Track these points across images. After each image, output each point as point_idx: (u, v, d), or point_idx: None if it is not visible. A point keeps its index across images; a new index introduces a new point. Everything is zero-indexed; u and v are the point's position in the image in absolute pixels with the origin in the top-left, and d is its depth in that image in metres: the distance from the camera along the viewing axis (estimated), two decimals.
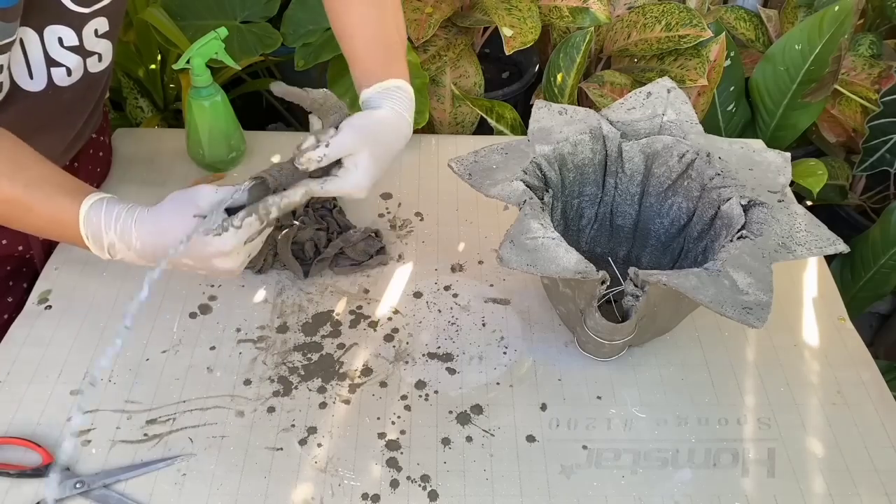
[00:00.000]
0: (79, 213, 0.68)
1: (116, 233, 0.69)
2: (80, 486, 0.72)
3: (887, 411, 0.82)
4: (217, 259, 0.69)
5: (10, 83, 0.79)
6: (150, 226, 0.69)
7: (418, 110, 1.20)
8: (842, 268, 1.53)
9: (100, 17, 0.82)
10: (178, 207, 0.69)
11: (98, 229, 0.69)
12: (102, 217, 0.69)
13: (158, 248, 0.69)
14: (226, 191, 0.69)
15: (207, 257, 0.69)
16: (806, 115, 1.53)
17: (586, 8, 1.38)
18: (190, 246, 0.67)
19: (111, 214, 0.69)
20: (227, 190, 0.69)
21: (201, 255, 0.69)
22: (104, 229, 0.69)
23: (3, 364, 0.83)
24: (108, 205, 0.69)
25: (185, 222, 0.68)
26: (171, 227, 0.68)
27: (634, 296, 0.75)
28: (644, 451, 0.78)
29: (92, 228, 0.69)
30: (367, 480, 0.74)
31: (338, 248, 0.96)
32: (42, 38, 0.78)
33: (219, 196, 0.69)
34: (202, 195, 0.69)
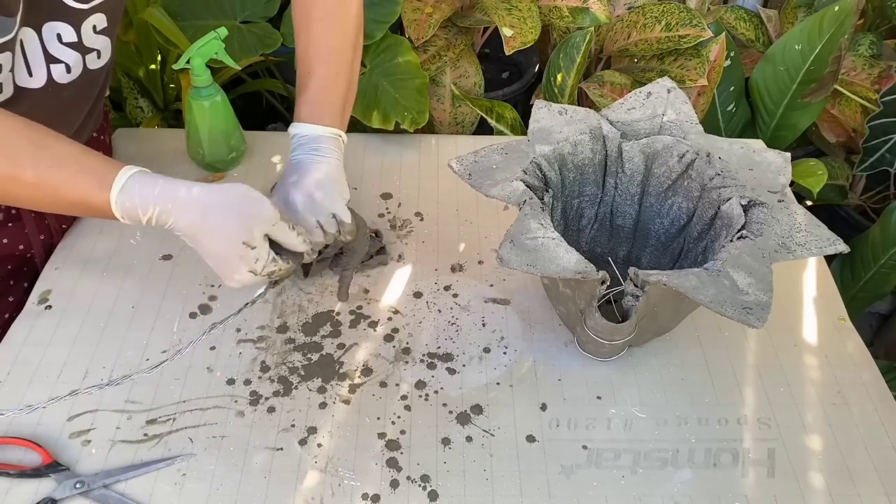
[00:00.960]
0: (109, 199, 0.68)
1: (154, 214, 0.69)
2: (80, 486, 0.72)
3: (887, 411, 0.82)
4: (236, 281, 0.72)
5: (12, 84, 0.79)
6: (193, 220, 0.69)
7: (418, 110, 1.20)
8: (842, 268, 1.53)
9: (98, 14, 0.82)
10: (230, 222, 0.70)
11: (133, 210, 0.69)
12: (137, 201, 0.68)
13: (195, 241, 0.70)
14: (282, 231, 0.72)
15: (231, 275, 0.71)
16: (806, 115, 1.52)
17: (586, 8, 1.38)
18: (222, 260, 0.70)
19: (147, 197, 0.68)
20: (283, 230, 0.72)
21: (228, 272, 0.72)
22: (140, 211, 0.69)
23: (3, 364, 0.83)
24: (140, 185, 0.69)
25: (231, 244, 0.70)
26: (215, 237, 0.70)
27: (634, 296, 0.75)
28: (644, 451, 0.78)
29: (126, 210, 0.69)
30: (367, 480, 0.74)
31: (338, 248, 0.96)
32: (40, 35, 0.78)
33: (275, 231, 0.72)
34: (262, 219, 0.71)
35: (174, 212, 0.68)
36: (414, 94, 1.22)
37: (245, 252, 0.70)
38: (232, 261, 0.70)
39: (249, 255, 0.70)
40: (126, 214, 0.69)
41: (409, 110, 1.20)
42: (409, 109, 1.20)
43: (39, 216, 0.96)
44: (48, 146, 0.69)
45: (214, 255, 0.71)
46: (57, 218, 0.98)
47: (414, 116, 1.19)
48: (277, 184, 0.86)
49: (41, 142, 0.69)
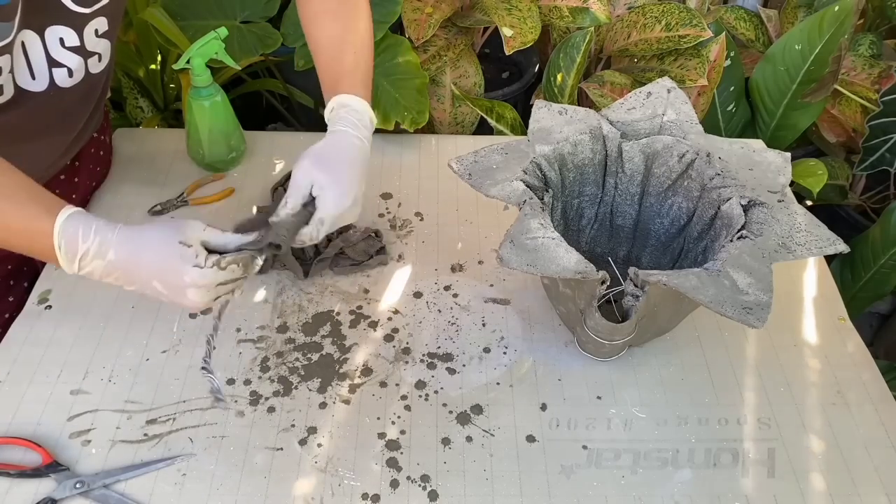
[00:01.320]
0: (54, 222, 0.68)
1: (95, 245, 0.68)
2: (80, 486, 0.72)
3: (887, 411, 0.82)
4: (190, 290, 0.69)
5: (14, 86, 0.79)
6: (132, 241, 0.69)
7: (418, 110, 1.20)
8: (842, 268, 1.53)
9: (100, 17, 0.82)
10: (164, 232, 0.70)
11: (74, 239, 0.68)
12: (80, 228, 0.68)
13: (134, 264, 0.69)
14: (213, 233, 0.72)
15: (181, 286, 0.69)
16: (806, 115, 1.53)
17: (586, 8, 1.38)
18: (166, 270, 0.69)
19: (90, 226, 0.68)
20: (215, 233, 0.72)
21: (176, 282, 0.69)
22: (81, 239, 0.68)
23: (3, 364, 0.83)
24: (85, 217, 0.69)
25: (168, 245, 0.69)
26: (152, 247, 0.69)
27: (634, 296, 0.75)
28: (644, 451, 0.78)
29: (67, 238, 0.68)
30: (367, 480, 0.74)
31: (338, 248, 0.96)
32: (43, 39, 0.78)
33: (205, 235, 0.71)
34: (190, 227, 0.71)
35: (114, 242, 0.69)
36: (414, 94, 1.22)
37: (183, 251, 0.69)
38: (174, 264, 0.69)
39: (188, 252, 0.69)
40: (67, 243, 0.68)
41: (409, 110, 1.20)
42: (409, 109, 1.20)
43: None
44: None
45: (156, 268, 0.69)
46: None
47: (414, 116, 1.19)
48: None
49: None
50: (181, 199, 1.05)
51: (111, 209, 1.03)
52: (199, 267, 0.69)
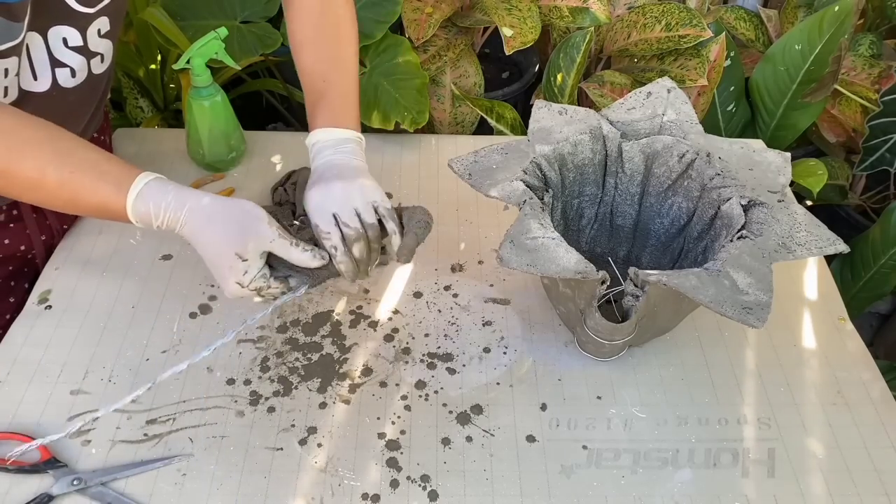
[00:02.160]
0: (125, 204, 0.71)
1: (165, 220, 0.72)
2: (78, 483, 0.72)
3: (887, 411, 0.82)
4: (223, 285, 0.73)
5: (17, 88, 0.79)
6: (197, 225, 0.72)
7: (418, 110, 1.20)
8: (842, 268, 1.53)
9: (103, 17, 0.82)
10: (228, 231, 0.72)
11: (147, 216, 0.72)
12: (151, 205, 0.72)
13: (196, 245, 0.73)
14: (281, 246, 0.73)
15: (224, 277, 0.73)
16: (806, 115, 1.53)
17: (586, 8, 1.38)
18: (215, 266, 0.72)
19: (159, 203, 0.72)
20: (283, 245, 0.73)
21: (217, 279, 0.74)
22: (153, 217, 0.72)
23: (3, 364, 0.83)
24: (157, 190, 0.72)
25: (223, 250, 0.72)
26: (212, 243, 0.72)
27: (634, 296, 0.75)
28: (644, 451, 0.78)
29: (140, 216, 0.72)
30: (367, 480, 0.74)
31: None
32: (46, 39, 0.78)
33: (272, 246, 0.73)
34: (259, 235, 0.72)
35: (182, 219, 0.72)
36: (414, 94, 1.22)
37: (235, 263, 0.71)
38: (222, 270, 0.72)
39: (238, 267, 0.71)
40: (140, 219, 0.72)
41: (409, 110, 1.20)
42: (409, 109, 1.20)
43: (41, 217, 0.96)
44: (70, 152, 0.72)
45: (208, 260, 0.74)
46: (58, 218, 0.98)
47: (414, 116, 1.19)
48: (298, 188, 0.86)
49: (65, 149, 0.72)
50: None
51: None
52: (240, 286, 0.72)
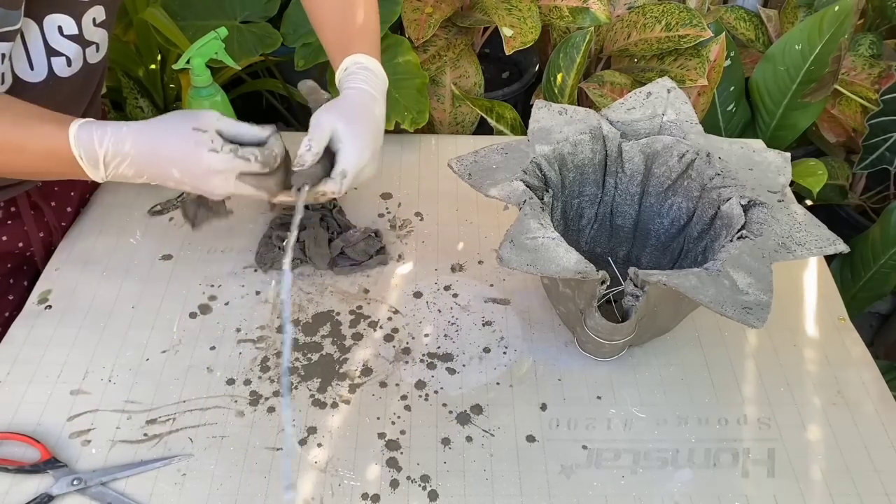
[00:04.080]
0: (68, 134, 0.69)
1: (111, 143, 0.69)
2: (78, 483, 0.72)
3: (887, 411, 0.82)
4: (208, 176, 0.70)
5: (12, 76, 0.79)
6: (146, 133, 0.70)
7: (418, 110, 1.20)
8: (842, 268, 1.53)
9: (98, 6, 0.82)
10: (176, 119, 0.70)
11: (90, 145, 0.69)
12: (94, 132, 0.69)
13: (152, 154, 0.69)
14: (227, 122, 0.71)
15: (201, 173, 0.69)
16: (806, 115, 1.53)
17: (586, 8, 1.38)
18: (184, 158, 0.69)
19: (103, 128, 0.69)
20: (228, 122, 0.71)
21: (195, 169, 0.69)
22: (97, 143, 0.69)
23: (3, 364, 0.83)
24: (97, 124, 0.70)
25: (182, 132, 0.69)
26: (166, 135, 0.69)
27: (634, 296, 0.75)
28: (644, 451, 0.78)
29: (84, 146, 0.69)
30: (367, 480, 0.74)
31: (338, 248, 0.96)
32: (42, 28, 0.78)
33: (219, 123, 0.70)
34: (204, 115, 0.70)
35: (128, 135, 0.69)
36: (414, 94, 1.22)
37: (198, 136, 0.69)
38: (190, 150, 0.69)
39: (203, 138, 0.69)
40: (83, 149, 0.69)
41: (409, 110, 1.20)
42: (409, 109, 1.20)
43: (39, 214, 0.96)
44: (5, 108, 0.71)
45: (174, 156, 0.70)
46: (56, 216, 0.98)
47: (414, 116, 1.19)
48: None
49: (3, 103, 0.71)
50: (181, 200, 1.05)
51: (111, 209, 1.03)
52: (216, 151, 0.69)
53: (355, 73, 0.81)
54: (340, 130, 0.75)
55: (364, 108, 0.79)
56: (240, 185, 0.71)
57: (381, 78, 0.84)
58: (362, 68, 0.82)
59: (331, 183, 0.75)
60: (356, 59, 0.82)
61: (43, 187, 0.96)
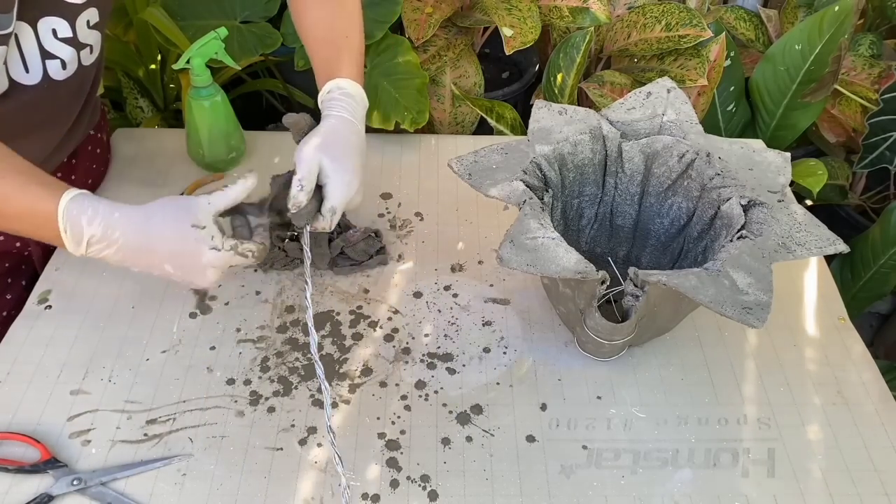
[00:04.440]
0: (58, 204, 0.67)
1: (99, 226, 0.68)
2: (78, 483, 0.72)
3: (887, 411, 0.82)
4: (208, 270, 0.71)
5: (7, 79, 0.79)
6: (139, 225, 0.69)
7: (418, 110, 1.20)
8: (842, 268, 1.53)
9: (92, 8, 0.82)
10: (173, 213, 0.70)
11: (78, 222, 0.67)
12: (86, 209, 0.68)
13: (144, 247, 0.69)
14: (219, 199, 0.72)
15: (197, 268, 0.70)
16: (806, 115, 1.53)
17: (586, 8, 1.38)
18: (181, 254, 0.69)
19: (95, 207, 0.68)
20: (220, 197, 0.72)
21: (192, 265, 0.70)
22: (86, 222, 0.67)
23: (3, 364, 0.83)
24: (89, 198, 0.69)
25: (180, 230, 0.69)
26: (163, 231, 0.69)
27: (634, 296, 0.75)
28: (644, 451, 0.78)
29: (72, 221, 0.67)
30: (367, 480, 0.74)
31: (338, 248, 0.96)
32: (36, 31, 0.78)
33: (213, 207, 0.71)
34: (198, 206, 0.70)
35: (120, 222, 0.68)
36: (414, 94, 1.22)
37: (198, 234, 0.69)
38: (190, 246, 0.69)
39: (203, 235, 0.69)
40: (70, 224, 0.67)
41: (409, 110, 1.20)
42: (409, 109, 1.20)
43: None
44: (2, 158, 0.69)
45: (169, 252, 0.70)
46: None
47: (414, 116, 1.19)
48: None
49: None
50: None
51: None
52: (217, 250, 0.69)
53: (338, 98, 0.82)
54: (326, 166, 0.77)
55: (346, 139, 0.80)
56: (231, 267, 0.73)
57: (363, 104, 0.85)
58: (345, 94, 0.83)
59: (322, 220, 0.78)
60: (339, 83, 0.83)
61: None
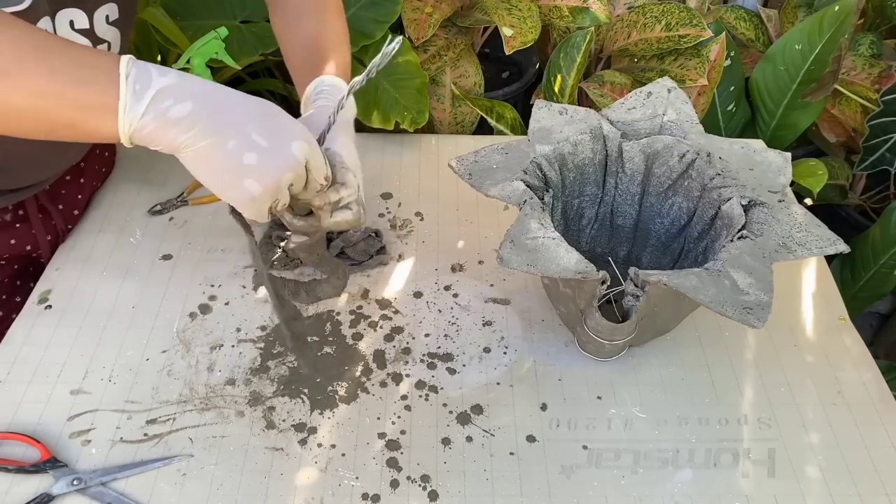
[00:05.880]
0: (119, 57, 0.57)
1: (175, 77, 0.57)
2: (78, 483, 0.72)
3: (887, 411, 0.82)
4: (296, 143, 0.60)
5: None
6: (220, 86, 0.60)
7: (418, 110, 1.20)
8: (842, 268, 1.53)
9: (111, 3, 0.81)
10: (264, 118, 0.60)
11: (146, 70, 0.57)
12: (154, 66, 0.58)
13: (228, 104, 0.59)
14: None
15: (288, 136, 0.60)
16: (806, 115, 1.53)
17: (586, 8, 1.38)
18: (269, 115, 0.60)
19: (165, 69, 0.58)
20: None
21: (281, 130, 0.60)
22: (156, 73, 0.57)
23: (3, 364, 0.83)
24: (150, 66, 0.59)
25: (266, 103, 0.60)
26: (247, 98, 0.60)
27: (635, 296, 0.75)
28: (644, 451, 0.78)
29: (139, 68, 0.57)
30: (367, 480, 0.74)
31: (338, 248, 0.96)
32: (54, 22, 0.77)
33: None
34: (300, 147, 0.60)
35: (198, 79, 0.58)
36: (414, 94, 1.22)
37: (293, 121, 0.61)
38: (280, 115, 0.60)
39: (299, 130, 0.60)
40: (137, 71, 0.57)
41: (409, 110, 1.20)
42: (409, 109, 1.20)
43: (46, 217, 0.96)
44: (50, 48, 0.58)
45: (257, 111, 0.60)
46: (63, 219, 0.98)
47: (414, 116, 1.19)
48: None
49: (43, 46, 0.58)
50: (181, 199, 1.05)
51: (111, 208, 1.03)
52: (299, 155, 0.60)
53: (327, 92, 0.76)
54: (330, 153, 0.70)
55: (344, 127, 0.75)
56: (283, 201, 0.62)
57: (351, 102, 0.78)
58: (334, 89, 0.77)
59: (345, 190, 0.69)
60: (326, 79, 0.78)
61: (51, 190, 0.96)
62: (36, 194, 0.93)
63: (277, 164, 0.59)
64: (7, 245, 0.93)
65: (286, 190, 0.62)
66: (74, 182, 1.00)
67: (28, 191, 0.91)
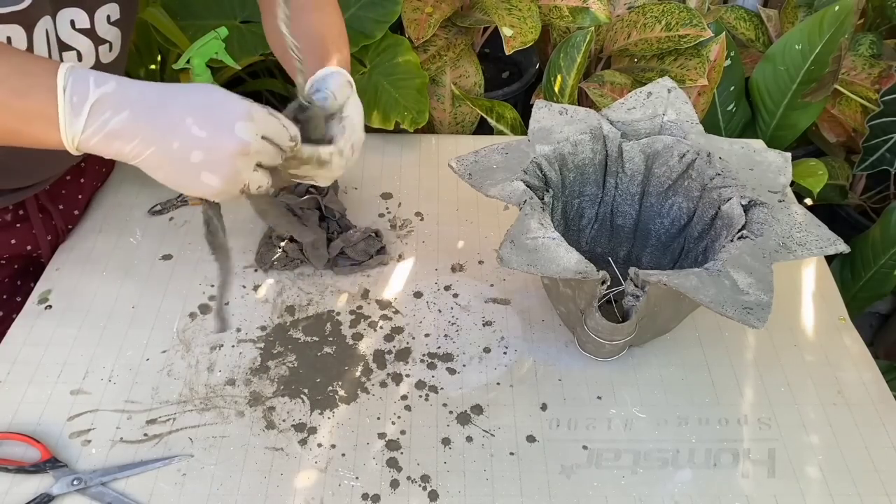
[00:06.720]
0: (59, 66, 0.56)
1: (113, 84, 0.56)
2: (78, 483, 0.72)
3: (887, 411, 0.82)
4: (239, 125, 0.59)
5: None
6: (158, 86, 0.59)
7: (418, 110, 1.20)
8: (842, 268, 1.53)
9: (112, 3, 0.81)
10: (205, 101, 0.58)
11: (84, 80, 0.56)
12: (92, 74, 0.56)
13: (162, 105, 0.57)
14: None
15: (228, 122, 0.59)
16: (806, 115, 1.52)
17: (586, 8, 1.38)
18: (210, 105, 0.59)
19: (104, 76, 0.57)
20: None
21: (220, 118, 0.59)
22: (94, 82, 0.56)
23: (3, 364, 0.83)
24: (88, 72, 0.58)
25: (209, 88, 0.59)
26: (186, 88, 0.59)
27: (635, 296, 0.75)
28: (644, 451, 0.78)
29: (76, 77, 0.56)
30: (367, 480, 0.74)
31: (338, 248, 0.96)
32: (55, 21, 0.77)
33: None
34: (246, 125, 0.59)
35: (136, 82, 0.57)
36: (414, 94, 1.22)
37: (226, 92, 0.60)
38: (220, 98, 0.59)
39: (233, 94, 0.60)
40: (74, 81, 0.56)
41: (409, 110, 1.20)
42: (409, 109, 1.20)
43: (47, 217, 0.96)
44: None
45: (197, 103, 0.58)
46: (64, 218, 0.98)
47: (414, 116, 1.19)
48: None
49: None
50: (181, 199, 1.05)
51: (111, 209, 1.03)
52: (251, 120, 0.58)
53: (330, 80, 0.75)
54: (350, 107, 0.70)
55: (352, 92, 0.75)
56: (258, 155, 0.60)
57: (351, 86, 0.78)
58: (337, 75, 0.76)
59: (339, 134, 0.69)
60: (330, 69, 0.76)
61: (51, 190, 0.96)
62: (36, 194, 0.93)
63: (224, 152, 0.58)
64: (7, 245, 0.93)
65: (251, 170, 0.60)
66: (75, 182, 1.00)
67: (28, 191, 0.91)
